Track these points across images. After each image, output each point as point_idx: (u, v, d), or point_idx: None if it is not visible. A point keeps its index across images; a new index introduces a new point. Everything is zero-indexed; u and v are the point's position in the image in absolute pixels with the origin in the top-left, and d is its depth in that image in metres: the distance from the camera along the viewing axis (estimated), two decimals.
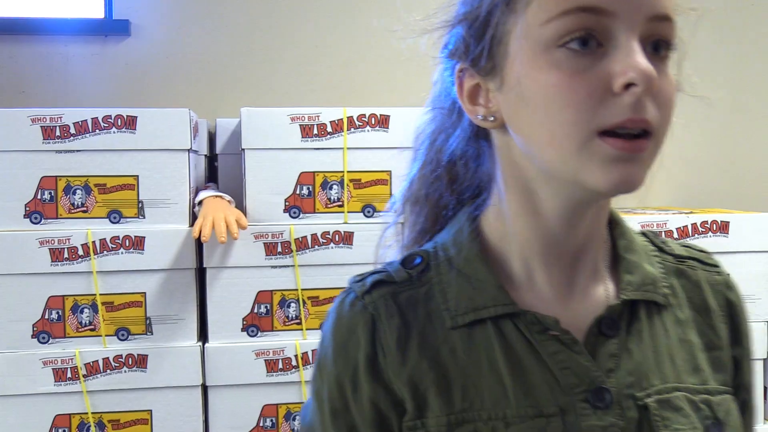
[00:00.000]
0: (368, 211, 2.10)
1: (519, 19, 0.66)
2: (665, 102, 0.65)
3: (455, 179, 0.78)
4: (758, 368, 2.23)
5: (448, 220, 0.79)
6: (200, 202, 2.04)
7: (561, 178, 0.67)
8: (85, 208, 2.00)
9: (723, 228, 2.21)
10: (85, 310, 1.98)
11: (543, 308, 0.71)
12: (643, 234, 0.80)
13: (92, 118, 1.98)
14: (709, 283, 0.78)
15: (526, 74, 0.66)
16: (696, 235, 2.20)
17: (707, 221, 2.21)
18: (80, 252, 1.97)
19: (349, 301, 0.74)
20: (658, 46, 0.66)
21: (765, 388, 2.25)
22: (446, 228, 0.77)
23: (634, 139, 0.63)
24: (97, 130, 1.99)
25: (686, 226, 2.20)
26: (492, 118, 0.70)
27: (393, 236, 0.84)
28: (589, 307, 0.72)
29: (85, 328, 1.99)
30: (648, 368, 0.70)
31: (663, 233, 2.18)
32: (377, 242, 0.85)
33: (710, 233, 2.21)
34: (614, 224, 0.77)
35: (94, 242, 1.97)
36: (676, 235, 2.19)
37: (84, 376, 1.97)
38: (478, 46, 0.69)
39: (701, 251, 0.82)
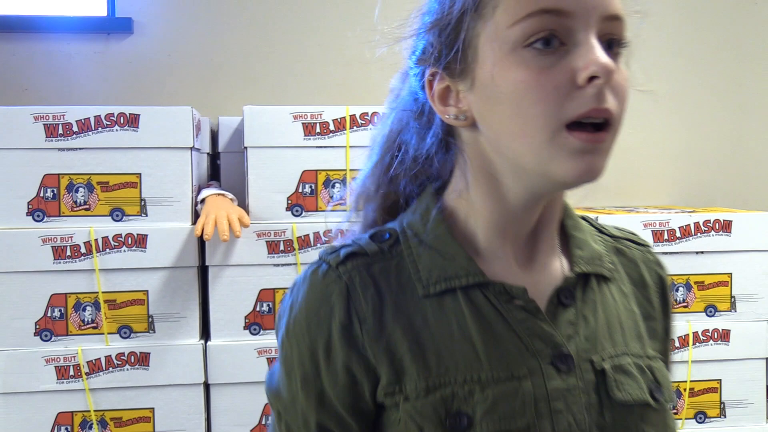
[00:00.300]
0: None
1: (487, 24, 0.71)
2: (621, 93, 0.71)
3: (422, 172, 0.82)
4: (760, 367, 2.24)
5: (401, 208, 0.84)
6: (203, 200, 2.04)
7: (529, 169, 0.72)
8: (87, 206, 2.00)
9: (726, 227, 2.21)
10: (88, 308, 1.98)
11: (509, 279, 0.76)
12: (583, 218, 0.87)
13: (95, 116, 1.98)
14: (643, 260, 0.86)
15: (496, 73, 0.71)
16: (699, 234, 2.19)
17: (710, 220, 2.20)
18: (83, 250, 1.97)
19: (322, 271, 0.77)
20: (611, 44, 0.72)
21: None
22: (410, 210, 0.81)
23: (596, 131, 0.69)
24: (100, 128, 1.99)
25: (689, 225, 2.20)
26: (463, 117, 0.76)
27: (345, 231, 0.89)
28: (547, 280, 0.78)
29: (88, 326, 1.99)
30: (601, 334, 0.77)
31: (666, 232, 2.18)
32: (330, 237, 0.90)
33: (713, 232, 2.20)
34: (563, 207, 0.83)
35: (96, 240, 1.97)
36: (678, 234, 2.19)
37: (86, 373, 1.97)
38: (451, 50, 0.74)
39: (633, 233, 0.89)
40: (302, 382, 0.76)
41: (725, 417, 2.23)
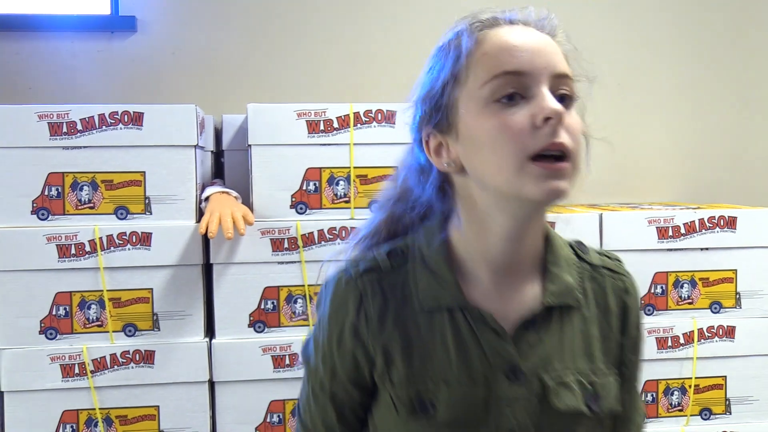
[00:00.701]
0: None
1: (463, 88, 0.93)
2: (574, 133, 0.91)
3: (427, 213, 1.04)
4: (765, 363, 2.23)
5: (400, 233, 1.06)
6: (207, 198, 2.04)
7: (507, 195, 0.92)
8: (92, 205, 2.00)
9: (730, 223, 2.20)
10: (93, 306, 1.99)
11: (487, 304, 0.97)
12: (570, 245, 1.05)
13: (99, 115, 1.99)
14: (612, 288, 1.03)
15: (474, 124, 0.92)
16: (703, 231, 2.19)
17: (714, 216, 2.20)
18: (87, 248, 1.97)
19: (345, 278, 1.00)
20: (563, 98, 0.92)
21: None
22: (422, 231, 1.02)
23: (556, 161, 0.89)
24: (104, 126, 1.99)
25: (693, 221, 2.19)
26: (453, 164, 0.96)
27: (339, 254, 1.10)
28: (521, 306, 0.98)
29: (93, 324, 1.99)
30: (553, 355, 0.97)
31: (670, 229, 2.18)
32: (325, 262, 1.12)
33: (717, 228, 2.20)
34: (547, 240, 1.02)
35: (101, 238, 1.97)
36: (683, 231, 2.18)
37: (91, 372, 1.97)
38: (438, 113, 0.96)
39: (614, 260, 1.07)
40: (322, 358, 1.02)
41: (731, 414, 2.23)
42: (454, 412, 0.94)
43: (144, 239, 1.99)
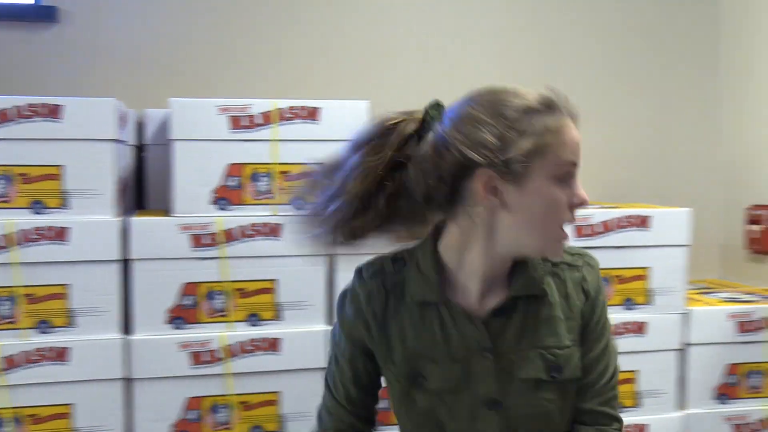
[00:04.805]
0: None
1: (542, 159, 1.12)
2: None
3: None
4: (673, 358, 2.30)
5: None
6: None
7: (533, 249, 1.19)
8: (6, 199, 1.96)
9: (644, 222, 2.27)
10: (5, 303, 1.95)
11: (465, 300, 1.20)
12: None
13: (15, 106, 1.95)
14: (571, 279, 1.24)
15: (542, 188, 1.13)
16: (619, 230, 2.25)
17: (630, 216, 2.26)
18: (2, 243, 1.93)
19: (358, 279, 1.26)
20: None
21: None
22: (418, 246, 1.24)
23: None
24: (20, 119, 1.95)
25: (609, 220, 2.25)
26: (497, 204, 1.16)
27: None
28: (493, 301, 1.21)
29: (4, 321, 1.95)
30: (520, 335, 1.20)
31: (589, 227, 2.23)
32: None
33: (632, 228, 2.26)
34: None
35: (16, 233, 1.93)
36: (600, 229, 2.24)
37: (4, 370, 1.93)
38: (509, 166, 1.12)
39: (573, 255, 1.26)
40: (346, 333, 1.28)
41: (641, 407, 2.29)
42: (440, 383, 1.20)
43: (61, 234, 1.96)
